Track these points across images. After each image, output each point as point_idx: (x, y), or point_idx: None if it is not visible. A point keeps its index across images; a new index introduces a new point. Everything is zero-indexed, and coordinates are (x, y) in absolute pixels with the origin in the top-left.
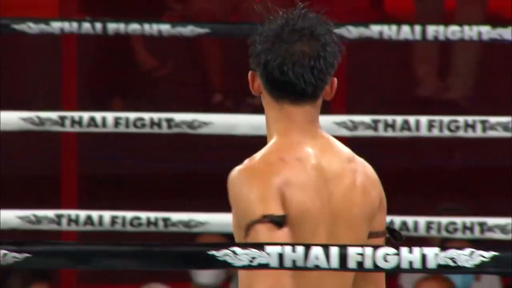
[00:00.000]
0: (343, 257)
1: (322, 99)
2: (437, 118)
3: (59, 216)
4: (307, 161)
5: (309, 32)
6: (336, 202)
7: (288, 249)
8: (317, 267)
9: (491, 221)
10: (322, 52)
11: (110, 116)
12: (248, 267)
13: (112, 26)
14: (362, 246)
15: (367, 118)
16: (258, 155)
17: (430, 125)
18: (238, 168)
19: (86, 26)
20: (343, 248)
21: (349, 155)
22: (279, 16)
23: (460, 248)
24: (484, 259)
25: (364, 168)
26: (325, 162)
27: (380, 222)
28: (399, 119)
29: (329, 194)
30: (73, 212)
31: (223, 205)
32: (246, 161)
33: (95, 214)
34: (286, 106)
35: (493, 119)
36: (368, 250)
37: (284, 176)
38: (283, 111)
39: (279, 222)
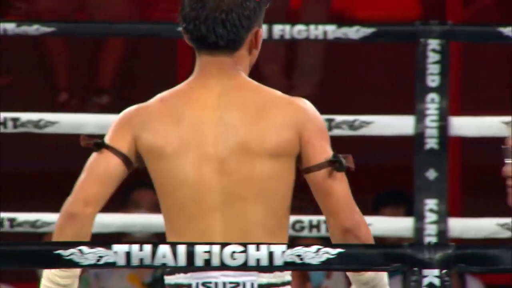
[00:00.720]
0: (190, 255)
1: (251, 50)
2: None
3: None
4: (194, 101)
5: None
6: (227, 138)
7: (135, 247)
8: (164, 265)
9: None
10: (237, 6)
11: None
12: (95, 266)
13: None
14: (210, 243)
15: None
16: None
17: None
18: None
19: None
20: (190, 246)
21: (264, 99)
22: None
23: (307, 246)
24: (330, 256)
25: (281, 109)
26: (222, 103)
27: (311, 157)
28: None
29: (219, 131)
30: None
31: None
32: None
33: None
34: (202, 56)
35: (339, 118)
36: (215, 248)
37: (146, 117)
38: (200, 60)
39: (96, 146)
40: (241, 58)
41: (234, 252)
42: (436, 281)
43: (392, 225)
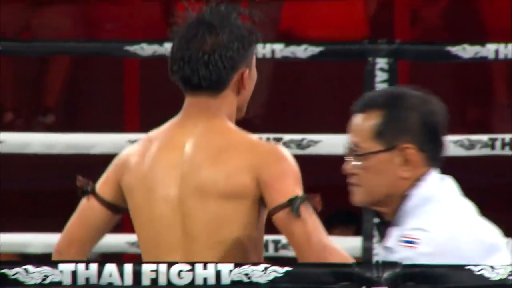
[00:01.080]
0: (137, 274)
1: (238, 90)
2: None
3: None
4: (167, 142)
5: (208, 28)
6: (187, 180)
7: (81, 266)
8: (110, 285)
9: (285, 239)
10: (220, 47)
11: None
12: (40, 285)
13: None
14: (156, 262)
15: None
16: None
17: None
18: None
19: None
20: (137, 265)
21: (228, 142)
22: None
23: (254, 264)
24: (277, 274)
25: (242, 152)
26: (190, 145)
27: (271, 200)
28: None
29: (182, 173)
30: None
31: (16, 224)
32: None
33: None
34: (188, 96)
35: (287, 137)
36: (162, 267)
37: (129, 158)
38: (186, 100)
39: (82, 192)
40: (227, 99)
41: (181, 271)
42: None
43: (341, 245)
